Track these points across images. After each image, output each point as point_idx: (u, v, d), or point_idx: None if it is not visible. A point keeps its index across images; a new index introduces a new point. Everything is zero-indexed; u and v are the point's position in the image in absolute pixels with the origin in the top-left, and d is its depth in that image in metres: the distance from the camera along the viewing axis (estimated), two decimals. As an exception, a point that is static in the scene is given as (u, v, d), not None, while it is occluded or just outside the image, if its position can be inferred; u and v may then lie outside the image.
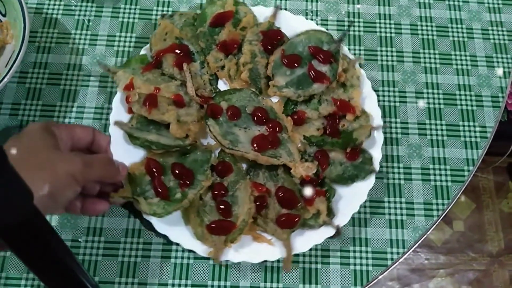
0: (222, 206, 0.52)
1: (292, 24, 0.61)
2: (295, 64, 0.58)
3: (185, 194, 0.52)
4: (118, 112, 0.56)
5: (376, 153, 0.56)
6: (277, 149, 0.55)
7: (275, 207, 0.53)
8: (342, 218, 0.53)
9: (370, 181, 0.55)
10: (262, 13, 0.62)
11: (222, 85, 0.60)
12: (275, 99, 0.59)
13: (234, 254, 0.51)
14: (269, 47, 0.60)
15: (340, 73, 0.58)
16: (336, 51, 0.58)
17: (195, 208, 0.53)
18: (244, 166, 0.56)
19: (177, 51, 0.59)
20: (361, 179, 0.54)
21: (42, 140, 0.45)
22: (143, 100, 0.55)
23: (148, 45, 0.60)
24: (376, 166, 0.55)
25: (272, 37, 0.60)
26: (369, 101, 0.58)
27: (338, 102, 0.57)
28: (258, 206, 0.52)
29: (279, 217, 0.52)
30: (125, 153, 0.54)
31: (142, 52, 0.60)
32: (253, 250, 0.52)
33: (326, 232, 0.52)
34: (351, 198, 0.54)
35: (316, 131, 0.57)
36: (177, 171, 0.53)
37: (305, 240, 0.52)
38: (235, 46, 0.60)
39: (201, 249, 0.51)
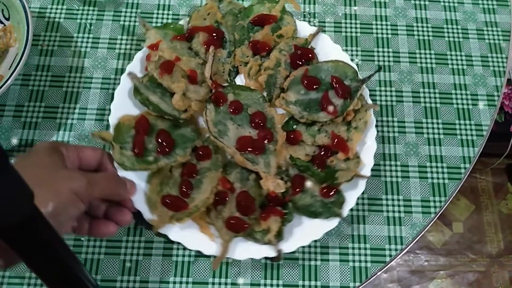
0: (184, 186, 0.53)
1: (327, 50, 0.61)
2: (313, 87, 0.58)
3: (157, 160, 0.54)
4: (135, 66, 0.59)
5: (351, 198, 0.54)
6: (258, 156, 0.55)
7: (231, 207, 0.53)
8: (288, 245, 0.53)
9: (331, 223, 0.53)
10: (304, 28, 0.63)
11: (239, 80, 0.62)
12: (280, 112, 0.59)
13: (175, 232, 0.52)
14: (297, 62, 0.60)
15: (349, 111, 0.57)
16: (355, 90, 0.57)
17: (161, 177, 0.54)
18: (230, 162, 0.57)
19: (212, 33, 0.61)
20: (324, 218, 0.53)
21: (48, 158, 0.46)
22: (160, 63, 0.57)
23: (187, 17, 0.62)
24: (344, 212, 0.53)
25: (302, 54, 0.60)
26: (367, 149, 0.57)
27: (336, 138, 0.56)
28: (216, 200, 0.53)
29: (230, 218, 0.52)
30: (124, 106, 0.57)
31: (181, 22, 0.62)
32: (192, 236, 0.53)
33: (267, 251, 0.52)
34: (305, 231, 0.54)
35: (305, 156, 0.57)
36: (160, 138, 0.55)
37: (244, 250, 0.52)
38: (266, 49, 0.61)
39: (148, 215, 0.53)
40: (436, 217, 0.58)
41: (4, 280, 0.53)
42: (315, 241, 0.54)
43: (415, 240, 0.57)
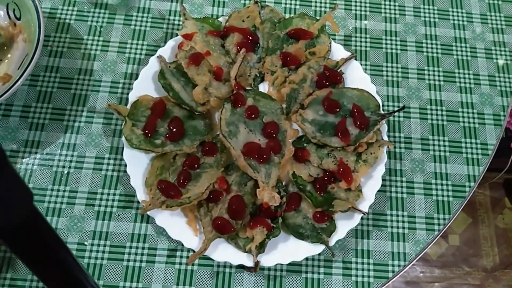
0: (182, 176, 0.54)
1: (355, 77, 0.61)
2: (333, 111, 0.58)
3: (164, 145, 0.55)
4: (166, 51, 0.61)
5: (342, 229, 0.54)
6: (261, 165, 0.55)
7: (222, 208, 0.53)
8: (267, 259, 0.53)
9: (315, 249, 0.53)
10: (338, 51, 0.63)
11: (262, 88, 0.62)
12: (294, 127, 0.59)
13: (162, 217, 0.53)
14: (323, 82, 0.60)
15: (362, 143, 0.56)
16: (374, 123, 0.57)
17: (163, 161, 0.56)
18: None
19: (247, 36, 0.61)
20: (309, 241, 0.53)
21: None
22: (190, 53, 0.59)
23: (227, 16, 0.63)
24: (331, 242, 0.53)
25: (330, 76, 0.60)
26: (371, 185, 0.56)
27: (343, 167, 0.56)
28: (210, 197, 0.54)
29: (218, 218, 0.52)
30: (146, 87, 0.59)
31: (221, 19, 0.63)
32: (177, 226, 0.53)
33: (245, 259, 0.52)
34: (288, 250, 0.54)
35: (308, 176, 0.56)
36: (173, 124, 0.56)
37: (223, 252, 0.53)
38: (296, 62, 0.61)
39: (141, 195, 0.54)
40: (440, 234, 0.58)
41: (6, 282, 0.53)
42: (319, 254, 0.55)
43: (418, 257, 0.57)
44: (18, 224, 0.30)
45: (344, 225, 0.54)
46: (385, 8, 0.71)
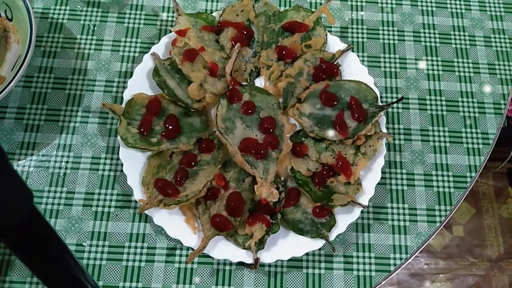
0: (179, 174, 0.54)
1: (353, 69, 0.60)
2: (330, 104, 0.57)
3: (160, 143, 0.55)
4: (160, 48, 0.60)
5: (342, 223, 0.54)
6: (258, 161, 0.54)
7: (220, 205, 0.53)
8: (267, 255, 0.52)
9: (315, 244, 0.53)
10: (334, 43, 0.62)
11: (258, 82, 0.61)
12: (292, 121, 0.58)
13: (159, 216, 0.53)
14: (319, 75, 0.59)
15: (360, 136, 0.56)
16: (372, 115, 0.56)
17: (160, 160, 0.55)
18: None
19: (242, 30, 0.61)
20: (309, 236, 0.53)
21: None
22: (184, 49, 0.58)
23: (221, 11, 0.62)
24: (332, 236, 0.53)
25: (327, 69, 0.59)
26: (370, 178, 0.55)
27: (341, 160, 0.55)
28: (208, 195, 0.53)
29: (216, 216, 0.52)
30: (141, 85, 0.58)
31: (215, 14, 0.62)
32: (175, 224, 0.53)
33: (245, 256, 0.52)
34: (288, 246, 0.53)
35: (306, 170, 0.56)
36: (168, 122, 0.56)
37: (223, 250, 0.52)
38: (292, 56, 0.60)
39: (138, 194, 0.54)
40: (441, 226, 0.58)
41: (5, 285, 0.53)
42: (319, 249, 0.54)
43: (420, 249, 0.57)
44: (18, 224, 0.30)
45: (344, 219, 0.54)
46: (381, -2, 0.70)
